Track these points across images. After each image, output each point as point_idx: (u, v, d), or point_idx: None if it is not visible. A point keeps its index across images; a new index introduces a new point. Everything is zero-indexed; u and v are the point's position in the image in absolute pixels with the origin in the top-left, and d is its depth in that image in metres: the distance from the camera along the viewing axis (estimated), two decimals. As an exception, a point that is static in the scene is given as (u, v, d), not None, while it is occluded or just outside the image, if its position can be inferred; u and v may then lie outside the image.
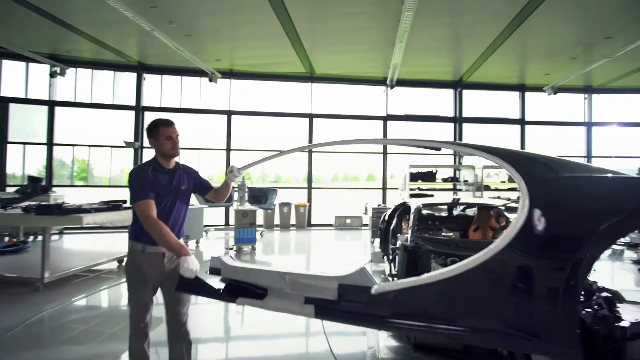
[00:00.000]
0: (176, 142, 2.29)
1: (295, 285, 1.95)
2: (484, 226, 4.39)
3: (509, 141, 11.42)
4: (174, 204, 2.27)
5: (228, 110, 10.74)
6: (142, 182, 2.14)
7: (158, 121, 2.30)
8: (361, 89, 11.21)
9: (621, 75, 10.45)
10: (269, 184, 12.85)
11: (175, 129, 2.30)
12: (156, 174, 2.21)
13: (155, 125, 2.28)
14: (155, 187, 2.16)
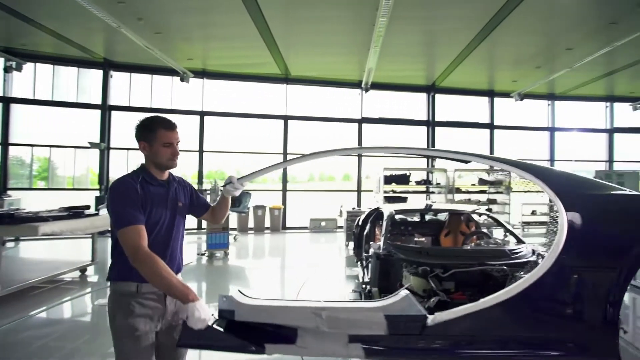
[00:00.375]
0: (176, 151, 1.76)
1: (334, 322, 1.64)
2: (454, 231, 4.50)
3: (479, 144, 11.83)
4: (171, 227, 1.76)
5: (201, 110, 10.47)
6: (129, 200, 1.60)
7: (156, 121, 1.74)
8: (336, 91, 11.24)
9: (581, 84, 11.07)
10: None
11: (177, 133, 1.77)
12: (147, 186, 1.69)
13: (151, 126, 1.72)
14: (146, 206, 1.65)
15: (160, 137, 1.71)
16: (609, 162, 12.61)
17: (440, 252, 3.05)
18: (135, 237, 1.55)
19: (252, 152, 11.13)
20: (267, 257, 7.99)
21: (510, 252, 3.00)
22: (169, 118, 1.78)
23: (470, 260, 2.86)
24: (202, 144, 10.45)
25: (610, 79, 10.65)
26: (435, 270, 2.78)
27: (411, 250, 3.15)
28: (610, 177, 11.28)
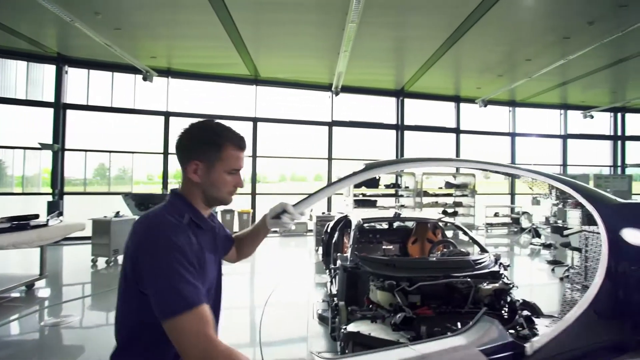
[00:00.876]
0: (242, 182, 1.25)
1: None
2: (421, 239, 4.56)
3: (446, 148, 12.20)
4: (219, 287, 1.31)
5: (166, 111, 10.03)
6: (186, 264, 1.00)
7: (225, 134, 1.17)
8: (307, 93, 11.15)
9: (538, 93, 11.70)
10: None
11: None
12: (198, 234, 1.14)
13: (218, 140, 1.15)
14: (201, 265, 1.09)
15: (227, 158, 1.15)
16: (563, 165, 13.41)
17: (406, 263, 3.06)
18: (203, 327, 0.94)
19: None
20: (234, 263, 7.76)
21: (474, 263, 3.05)
22: (237, 131, 1.21)
23: (436, 272, 2.88)
24: (167, 146, 10.01)
25: (564, 88, 11.34)
26: (401, 283, 2.77)
27: (378, 262, 3.13)
28: (564, 180, 12.02)
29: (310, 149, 11.37)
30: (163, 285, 0.96)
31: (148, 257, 0.99)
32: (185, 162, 1.15)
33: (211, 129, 1.17)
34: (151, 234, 1.03)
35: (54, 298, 5.01)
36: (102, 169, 11.12)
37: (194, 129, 1.17)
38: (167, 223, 1.05)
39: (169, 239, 1.01)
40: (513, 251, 9.32)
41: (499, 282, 2.81)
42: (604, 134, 13.91)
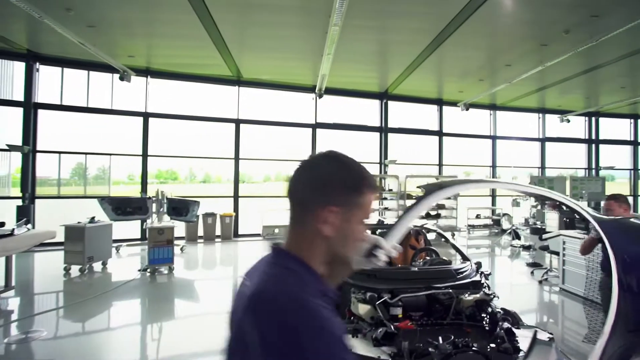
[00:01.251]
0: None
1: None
2: (404, 245, 4.54)
3: (429, 151, 12.33)
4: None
5: (144, 112, 9.73)
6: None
7: (363, 172, 0.88)
8: (290, 95, 11.04)
9: (518, 97, 11.97)
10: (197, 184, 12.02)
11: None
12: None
13: (359, 180, 0.87)
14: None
15: (367, 205, 0.88)
16: (541, 168, 13.77)
17: (388, 274, 3.02)
18: None
19: (202, 157, 10.60)
20: (216, 268, 7.63)
21: (456, 272, 3.04)
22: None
23: (418, 283, 2.85)
24: (146, 147, 9.71)
25: (542, 93, 11.64)
26: (383, 295, 2.73)
27: (359, 272, 3.08)
28: (542, 182, 12.34)
29: (294, 151, 11.27)
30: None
31: (297, 345, 0.67)
32: (316, 207, 0.82)
33: (356, 166, 0.88)
34: (310, 325, 0.69)
35: (21, 311, 4.76)
36: (80, 168, 10.73)
37: (335, 161, 0.87)
38: (319, 312, 0.71)
39: (323, 325, 0.70)
40: (494, 252, 9.50)
41: (480, 292, 2.81)
42: (580, 137, 14.37)
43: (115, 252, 8.16)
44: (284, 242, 0.87)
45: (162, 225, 6.61)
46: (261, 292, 0.75)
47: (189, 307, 5.16)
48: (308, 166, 0.88)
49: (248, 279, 0.85)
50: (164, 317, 4.68)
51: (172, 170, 25.34)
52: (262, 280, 0.78)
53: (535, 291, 5.80)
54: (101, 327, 4.47)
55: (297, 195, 0.86)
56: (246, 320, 0.73)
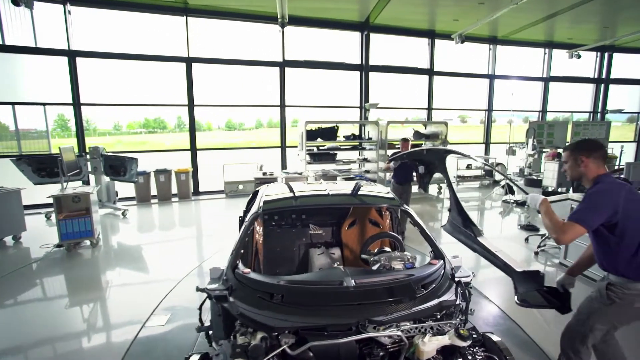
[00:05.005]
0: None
1: None
2: (362, 220, 3.36)
3: (418, 92, 10.78)
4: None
5: (69, 49, 7.92)
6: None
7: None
8: (250, 27, 9.14)
9: (523, 27, 10.17)
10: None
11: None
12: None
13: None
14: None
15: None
16: (542, 112, 12.37)
17: (304, 294, 1.83)
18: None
19: (147, 105, 9.00)
20: (155, 234, 6.45)
21: (416, 286, 1.87)
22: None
23: (348, 314, 1.69)
24: (77, 93, 8.07)
25: (551, 22, 9.87)
26: (281, 339, 1.58)
27: (266, 285, 1.89)
28: (542, 127, 11.04)
29: (260, 94, 9.67)
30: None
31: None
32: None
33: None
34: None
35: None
36: (62, 119, 9.41)
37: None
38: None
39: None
40: (484, 206, 8.49)
41: (451, 328, 1.66)
42: (588, 76, 12.77)
43: (46, 220, 7.00)
44: None
45: (77, 191, 5.33)
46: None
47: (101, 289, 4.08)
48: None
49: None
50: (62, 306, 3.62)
51: (160, 119, 23.57)
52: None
53: (528, 266, 4.80)
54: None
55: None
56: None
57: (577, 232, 1.90)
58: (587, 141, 2.12)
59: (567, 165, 2.16)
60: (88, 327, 3.33)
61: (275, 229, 3.37)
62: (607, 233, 1.93)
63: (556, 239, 1.95)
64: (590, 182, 2.06)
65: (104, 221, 6.99)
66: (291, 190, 2.90)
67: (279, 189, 3.13)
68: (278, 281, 1.91)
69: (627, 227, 1.89)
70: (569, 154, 2.14)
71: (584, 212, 1.91)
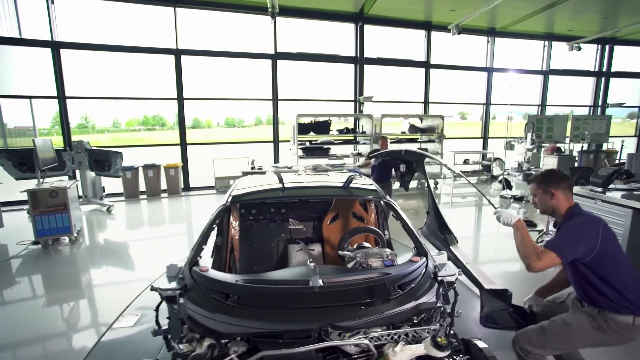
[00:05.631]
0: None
1: None
2: (344, 214, 3.14)
3: (414, 85, 10.53)
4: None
5: (52, 40, 7.67)
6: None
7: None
8: (242, 17, 8.88)
9: (521, 18, 9.92)
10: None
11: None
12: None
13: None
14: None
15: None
16: (541, 105, 12.13)
17: (266, 296, 1.62)
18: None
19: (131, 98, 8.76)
20: (142, 231, 6.24)
21: (392, 286, 1.66)
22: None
23: (312, 318, 1.48)
24: (62, 86, 7.83)
25: (551, 13, 9.60)
26: (229, 348, 1.37)
27: (221, 284, 1.68)
28: (541, 121, 10.80)
29: (253, 88, 9.43)
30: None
31: None
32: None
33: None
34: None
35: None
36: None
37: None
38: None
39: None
40: (482, 202, 8.28)
41: (428, 335, 1.45)
42: (588, 69, 12.52)
43: (28, 216, 6.77)
44: None
45: (54, 185, 5.11)
46: None
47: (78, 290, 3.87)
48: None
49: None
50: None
51: (159, 116, 23.27)
52: None
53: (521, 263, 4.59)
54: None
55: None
56: None
57: (552, 261, 1.79)
58: (553, 172, 2.06)
59: (537, 198, 2.07)
60: (50, 329, 3.10)
61: (253, 224, 3.15)
62: (583, 267, 1.85)
63: (528, 264, 1.81)
64: (562, 215, 1.97)
65: (88, 217, 6.78)
66: (281, 181, 2.68)
67: (255, 181, 2.91)
68: (236, 280, 1.69)
69: (603, 262, 1.81)
70: (537, 186, 2.05)
71: (562, 243, 1.82)
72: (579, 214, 1.91)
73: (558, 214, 1.99)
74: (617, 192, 3.87)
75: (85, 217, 6.71)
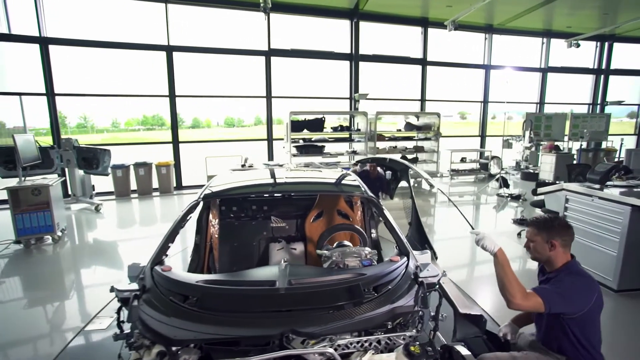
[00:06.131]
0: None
1: None
2: (329, 212, 3.00)
3: (411, 83, 10.39)
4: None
5: (40, 36, 7.53)
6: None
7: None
8: (233, 14, 8.71)
9: (519, 14, 9.77)
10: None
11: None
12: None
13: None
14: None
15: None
16: (539, 103, 11.99)
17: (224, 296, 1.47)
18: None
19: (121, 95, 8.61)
20: (130, 230, 6.09)
21: (367, 288, 1.52)
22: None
23: (272, 324, 1.33)
24: (51, 83, 7.69)
25: (550, 9, 9.46)
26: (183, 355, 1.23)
27: (179, 285, 1.54)
28: (539, 119, 10.67)
29: (248, 86, 9.28)
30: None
31: None
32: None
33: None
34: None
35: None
36: (60, 117, 9.06)
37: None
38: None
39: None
40: (479, 201, 8.13)
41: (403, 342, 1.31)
42: (587, 67, 12.37)
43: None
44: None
45: (36, 183, 4.97)
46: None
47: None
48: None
49: None
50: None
51: (159, 116, 23.11)
52: None
53: (517, 264, 4.45)
54: None
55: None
56: None
57: (536, 306, 1.67)
58: (557, 221, 1.86)
59: (534, 245, 1.86)
60: (16, 334, 2.96)
61: (233, 222, 3.01)
62: (562, 321, 1.75)
63: (510, 300, 1.67)
64: (556, 268, 1.82)
65: (77, 216, 6.64)
66: (272, 176, 2.55)
67: (233, 177, 2.78)
68: (197, 281, 1.55)
69: (583, 323, 1.73)
70: (537, 232, 1.85)
71: (553, 295, 1.69)
72: (579, 273, 1.78)
73: (551, 266, 1.85)
74: (615, 189, 3.73)
75: (73, 216, 6.58)
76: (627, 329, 3.04)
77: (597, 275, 3.64)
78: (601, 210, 3.56)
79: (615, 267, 3.45)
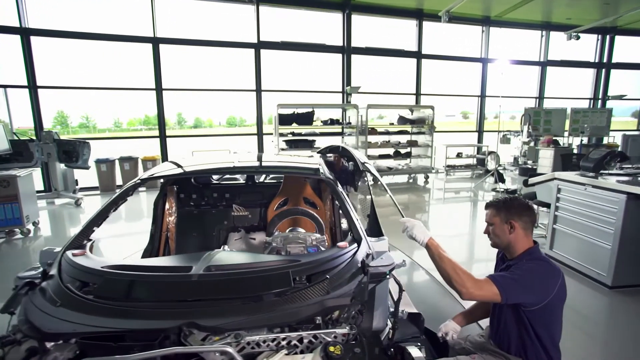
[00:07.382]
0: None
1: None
2: (294, 199, 2.76)
3: (405, 76, 10.13)
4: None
5: (21, 27, 7.35)
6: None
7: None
8: (222, 6, 8.49)
9: (518, 4, 9.48)
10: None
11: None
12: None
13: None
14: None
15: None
16: (539, 98, 11.70)
17: (126, 283, 1.24)
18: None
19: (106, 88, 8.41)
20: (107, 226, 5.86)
21: (296, 279, 1.28)
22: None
23: (171, 315, 1.10)
24: (33, 76, 7.50)
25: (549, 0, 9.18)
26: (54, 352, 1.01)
27: (78, 272, 1.32)
28: (538, 114, 10.40)
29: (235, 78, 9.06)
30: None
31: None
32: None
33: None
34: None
35: None
36: (62, 116, 8.84)
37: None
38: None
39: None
40: (475, 197, 7.88)
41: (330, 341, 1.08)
42: (588, 60, 12.06)
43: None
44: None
45: (4, 174, 4.76)
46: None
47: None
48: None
49: None
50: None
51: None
52: None
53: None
54: None
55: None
56: None
57: (491, 295, 1.46)
58: (517, 200, 1.65)
59: (493, 228, 1.66)
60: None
61: (192, 210, 2.79)
62: (523, 313, 1.53)
63: (460, 290, 1.46)
64: (517, 255, 1.61)
65: (57, 210, 6.45)
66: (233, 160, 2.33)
67: (186, 161, 2.55)
68: (102, 266, 1.32)
69: (543, 318, 1.52)
70: (495, 213, 1.65)
71: (510, 283, 1.48)
72: (540, 258, 1.58)
73: (511, 252, 1.63)
74: (610, 177, 3.47)
75: (52, 210, 6.38)
76: (622, 329, 2.78)
77: (591, 271, 3.39)
78: (595, 199, 3.31)
79: (609, 261, 3.20)
